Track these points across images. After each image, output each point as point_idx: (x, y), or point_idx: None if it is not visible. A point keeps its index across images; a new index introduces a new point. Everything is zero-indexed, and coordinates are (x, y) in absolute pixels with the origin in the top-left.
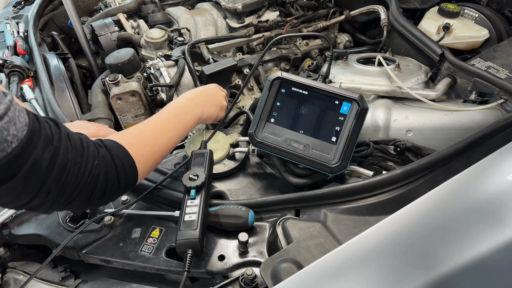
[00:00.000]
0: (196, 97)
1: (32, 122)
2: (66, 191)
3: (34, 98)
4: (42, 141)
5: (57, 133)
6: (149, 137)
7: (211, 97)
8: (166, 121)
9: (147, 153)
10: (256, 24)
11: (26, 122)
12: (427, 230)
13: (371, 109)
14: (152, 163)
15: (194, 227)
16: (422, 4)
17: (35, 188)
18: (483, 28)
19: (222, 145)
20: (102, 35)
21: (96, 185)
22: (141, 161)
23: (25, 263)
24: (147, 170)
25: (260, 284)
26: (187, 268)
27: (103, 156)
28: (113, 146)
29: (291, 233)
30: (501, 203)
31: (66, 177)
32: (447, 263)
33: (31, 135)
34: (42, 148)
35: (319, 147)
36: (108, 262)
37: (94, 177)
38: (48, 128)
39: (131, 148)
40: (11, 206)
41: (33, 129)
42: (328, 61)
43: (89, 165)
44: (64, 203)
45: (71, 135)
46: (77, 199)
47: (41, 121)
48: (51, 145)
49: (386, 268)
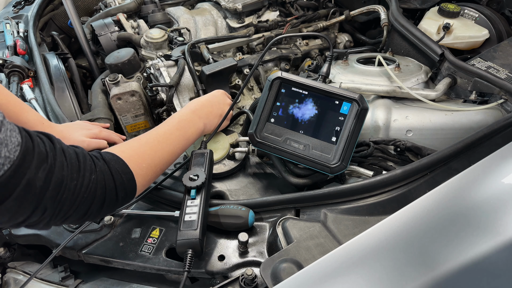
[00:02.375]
0: (199, 110)
1: (25, 141)
2: (63, 208)
3: (34, 98)
4: (36, 160)
5: (52, 149)
6: (149, 150)
7: (215, 108)
8: (169, 134)
9: (147, 166)
10: (256, 24)
11: (18, 141)
12: (427, 230)
13: (371, 109)
14: (151, 176)
15: (194, 227)
16: (422, 4)
17: (30, 208)
18: (483, 28)
19: (222, 145)
20: (102, 35)
21: (94, 200)
22: (140, 174)
23: (25, 263)
24: (146, 183)
25: (260, 284)
26: (187, 268)
27: (100, 170)
28: (111, 159)
29: (291, 233)
30: (501, 203)
31: (62, 194)
32: (447, 263)
33: (24, 155)
34: (36, 168)
35: (319, 147)
36: (108, 262)
37: (91, 192)
38: (42, 145)
39: (131, 161)
40: (8, 225)
41: (26, 149)
42: (328, 61)
43: (86, 180)
44: (62, 219)
45: (66, 150)
46: (75, 214)
47: (34, 139)
48: (45, 163)
49: (386, 268)
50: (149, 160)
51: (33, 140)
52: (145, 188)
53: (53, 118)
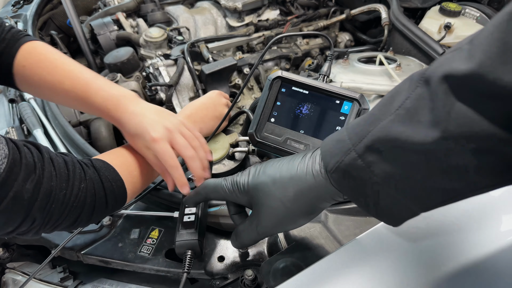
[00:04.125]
0: (195, 114)
1: (12, 153)
2: (53, 217)
3: (33, 98)
4: (23, 171)
5: (40, 160)
6: (141, 157)
7: (211, 110)
8: None
9: (138, 173)
10: (256, 23)
11: (5, 154)
12: (429, 230)
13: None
14: (143, 183)
15: (194, 228)
16: (423, 3)
17: (19, 219)
18: None
19: (222, 145)
20: (101, 34)
21: (84, 208)
22: (131, 182)
23: (23, 264)
24: (137, 190)
25: (260, 285)
26: (187, 270)
27: (90, 178)
28: (102, 167)
29: (291, 234)
30: (502, 203)
31: (51, 204)
32: (448, 263)
33: (11, 167)
34: (23, 180)
35: None
36: (107, 263)
37: (81, 201)
38: (30, 156)
39: (121, 169)
40: None
41: (13, 160)
42: (329, 61)
43: (75, 189)
44: (51, 228)
45: (55, 159)
46: (64, 222)
47: (21, 150)
48: (33, 174)
49: (387, 269)
50: (141, 167)
51: (21, 151)
52: (136, 195)
53: (51, 118)
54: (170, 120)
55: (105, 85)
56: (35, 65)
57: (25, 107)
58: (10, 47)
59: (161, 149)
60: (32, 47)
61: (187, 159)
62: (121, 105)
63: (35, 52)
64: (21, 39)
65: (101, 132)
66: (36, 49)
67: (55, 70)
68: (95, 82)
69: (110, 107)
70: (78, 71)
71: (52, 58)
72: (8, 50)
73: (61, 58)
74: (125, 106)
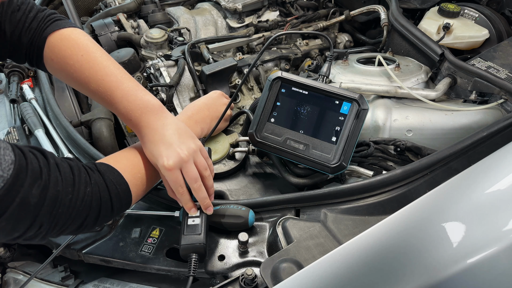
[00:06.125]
0: (196, 114)
1: (18, 159)
2: (59, 222)
3: (34, 98)
4: (30, 177)
5: (46, 165)
6: (145, 159)
7: (213, 111)
8: None
9: (142, 176)
10: (256, 24)
11: (12, 160)
12: (428, 230)
13: (371, 109)
14: (148, 185)
15: (199, 232)
16: (422, 4)
17: (26, 224)
18: (483, 28)
19: (222, 145)
20: (102, 35)
21: (89, 212)
22: (136, 184)
23: (25, 263)
24: (141, 192)
25: (260, 284)
26: (192, 273)
27: (95, 182)
28: (106, 171)
29: (291, 233)
30: (502, 203)
31: (58, 209)
32: (447, 264)
33: (18, 173)
34: (29, 185)
35: (319, 147)
36: (108, 262)
37: (86, 205)
38: (36, 162)
39: (126, 172)
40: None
41: (19, 166)
42: (329, 61)
43: (81, 193)
44: (58, 232)
45: (61, 164)
46: (71, 227)
47: (27, 156)
48: (39, 180)
49: (386, 268)
50: (144, 170)
51: (27, 157)
52: (141, 197)
53: (52, 118)
54: (188, 146)
55: (130, 91)
56: (61, 60)
57: (27, 107)
58: (37, 37)
59: (171, 179)
60: (59, 38)
61: (194, 190)
62: (143, 117)
63: (62, 45)
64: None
65: (102, 132)
66: (63, 42)
67: (81, 70)
68: (120, 88)
69: (132, 118)
70: (105, 72)
71: (79, 54)
72: (36, 41)
73: (88, 54)
74: (147, 121)
